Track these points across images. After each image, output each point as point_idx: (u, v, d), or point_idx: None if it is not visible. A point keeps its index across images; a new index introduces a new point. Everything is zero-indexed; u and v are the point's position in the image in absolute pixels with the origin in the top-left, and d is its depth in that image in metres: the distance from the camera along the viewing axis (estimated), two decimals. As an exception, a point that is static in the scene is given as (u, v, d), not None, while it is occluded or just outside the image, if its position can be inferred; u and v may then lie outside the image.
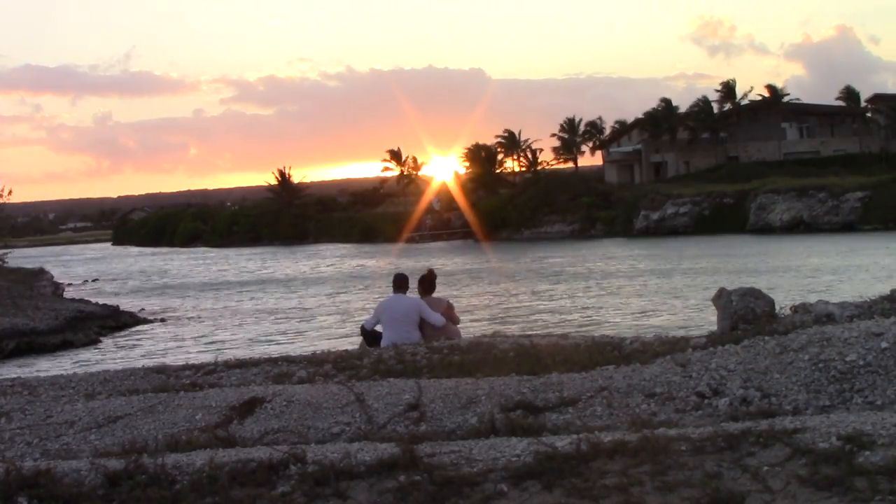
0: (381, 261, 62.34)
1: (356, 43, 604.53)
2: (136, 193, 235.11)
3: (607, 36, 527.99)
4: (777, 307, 9.09)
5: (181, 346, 29.49)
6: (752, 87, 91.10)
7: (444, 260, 61.00)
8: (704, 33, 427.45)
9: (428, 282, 11.90)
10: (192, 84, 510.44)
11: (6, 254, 54.35)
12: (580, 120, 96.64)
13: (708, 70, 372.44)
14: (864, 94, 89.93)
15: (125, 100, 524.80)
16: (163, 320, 36.66)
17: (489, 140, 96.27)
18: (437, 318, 11.47)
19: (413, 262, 53.56)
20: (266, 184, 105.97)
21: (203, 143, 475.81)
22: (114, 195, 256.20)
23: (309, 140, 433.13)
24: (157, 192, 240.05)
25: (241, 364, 9.98)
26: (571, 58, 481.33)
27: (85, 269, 74.94)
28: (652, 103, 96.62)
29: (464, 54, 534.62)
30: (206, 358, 13.01)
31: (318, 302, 40.60)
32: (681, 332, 11.76)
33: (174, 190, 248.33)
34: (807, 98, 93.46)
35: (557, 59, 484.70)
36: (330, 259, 69.89)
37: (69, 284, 54.86)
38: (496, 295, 38.43)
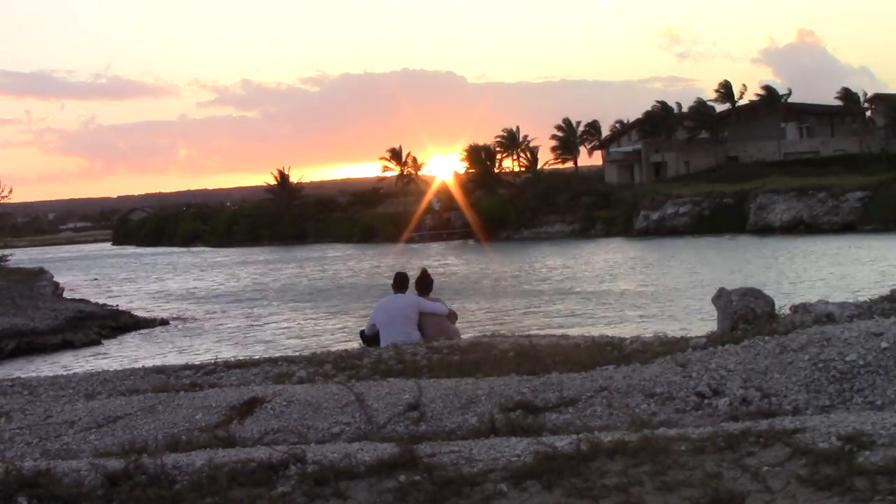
0: (381, 261, 62.35)
1: (326, 46, 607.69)
2: (136, 193, 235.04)
3: (576, 41, 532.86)
4: (777, 307, 9.10)
5: (181, 347, 29.50)
6: (745, 86, 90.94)
7: (443, 260, 61.01)
8: (671, 39, 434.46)
9: (423, 282, 11.89)
10: (168, 88, 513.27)
11: (7, 255, 54.27)
12: (578, 122, 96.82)
13: (681, 73, 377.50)
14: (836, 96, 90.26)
15: (105, 103, 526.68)
16: (163, 321, 36.66)
17: (480, 141, 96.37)
18: (437, 307, 11.51)
19: (413, 262, 53.56)
20: (265, 184, 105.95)
21: (193, 145, 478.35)
22: (113, 195, 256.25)
23: (299, 141, 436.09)
24: (157, 192, 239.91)
25: (241, 364, 9.98)
26: (543, 62, 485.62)
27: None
28: (633, 104, 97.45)
29: (436, 58, 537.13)
30: (206, 358, 13.02)
31: (318, 303, 40.61)
32: (681, 332, 11.75)
33: (173, 190, 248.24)
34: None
35: (530, 63, 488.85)
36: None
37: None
38: (495, 296, 38.44)
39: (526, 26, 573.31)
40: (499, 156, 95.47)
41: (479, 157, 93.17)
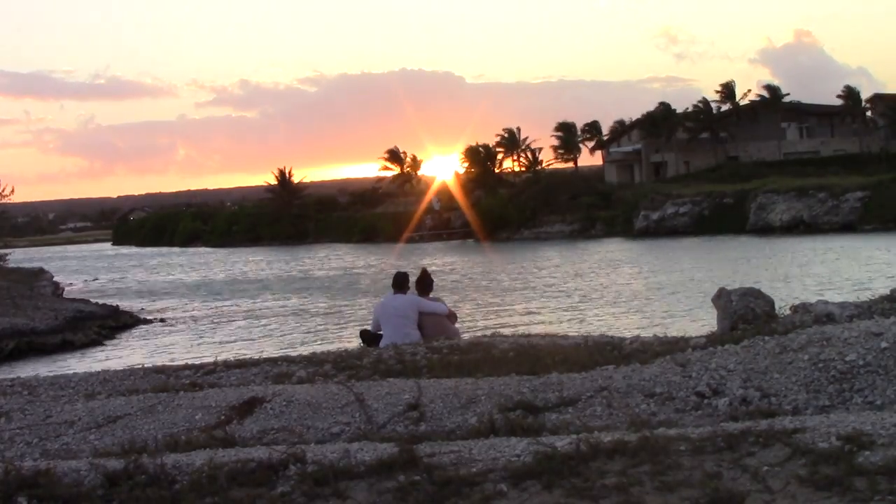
0: (382, 261, 62.33)
1: (323, 46, 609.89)
2: (136, 193, 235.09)
3: (573, 42, 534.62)
4: (777, 307, 9.10)
5: (181, 346, 29.50)
6: (750, 90, 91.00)
7: (443, 260, 61.00)
8: (668, 40, 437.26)
9: (423, 282, 11.87)
10: (167, 89, 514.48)
11: (7, 254, 54.27)
12: (578, 122, 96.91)
13: (678, 74, 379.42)
14: (834, 95, 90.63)
15: (103, 104, 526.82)
16: (163, 320, 36.67)
17: (479, 141, 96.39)
18: (437, 307, 11.50)
19: (414, 262, 53.56)
20: (265, 184, 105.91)
21: (192, 145, 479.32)
22: (113, 195, 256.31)
23: (298, 141, 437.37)
24: (157, 192, 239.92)
25: (241, 364, 9.99)
26: (541, 62, 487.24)
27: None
28: (632, 105, 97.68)
29: (434, 58, 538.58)
30: (206, 358, 13.02)
31: (318, 303, 40.61)
32: (681, 332, 11.75)
33: (173, 190, 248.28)
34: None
35: (528, 63, 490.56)
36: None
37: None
38: (495, 295, 38.43)
39: (523, 27, 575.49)
40: (499, 156, 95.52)
41: (479, 157, 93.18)
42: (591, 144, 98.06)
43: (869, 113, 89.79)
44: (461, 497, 5.01)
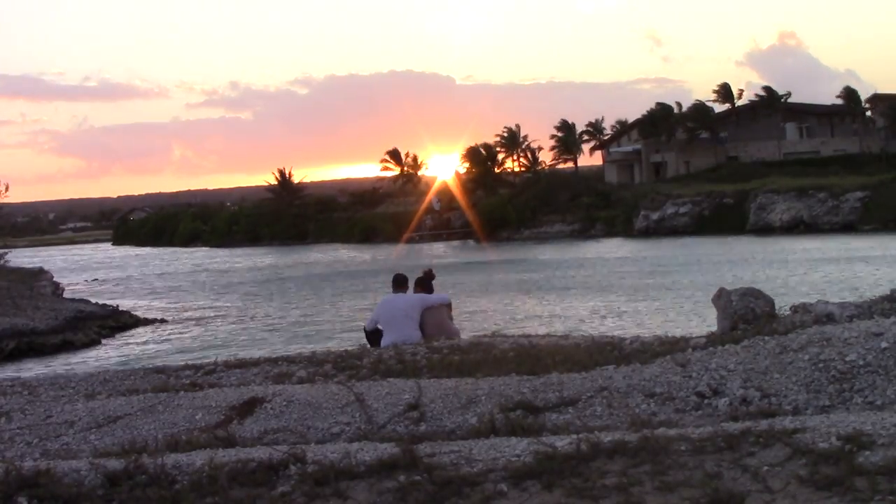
0: (381, 262, 62.35)
1: (311, 48, 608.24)
2: (136, 194, 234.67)
3: (559, 44, 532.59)
4: (777, 307, 9.09)
5: (181, 347, 29.51)
6: (742, 90, 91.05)
7: (443, 260, 61.00)
8: (654, 42, 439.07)
9: (426, 281, 11.92)
10: (158, 90, 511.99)
11: (5, 253, 54.26)
12: (574, 123, 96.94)
13: (668, 75, 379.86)
14: (825, 97, 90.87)
15: (96, 105, 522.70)
16: (163, 320, 36.68)
17: (474, 141, 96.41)
18: (441, 297, 11.63)
19: (413, 262, 53.57)
20: (266, 184, 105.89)
21: (188, 146, 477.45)
22: (112, 195, 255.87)
23: (293, 142, 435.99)
24: (157, 192, 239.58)
25: (241, 364, 9.99)
26: (530, 63, 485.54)
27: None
28: (625, 105, 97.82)
29: (421, 60, 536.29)
30: (206, 358, 13.03)
31: (317, 303, 40.61)
32: (681, 332, 11.75)
33: (172, 190, 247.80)
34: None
35: (517, 65, 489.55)
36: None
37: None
38: (495, 295, 38.44)
39: (508, 29, 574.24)
40: (499, 156, 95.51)
41: (480, 156, 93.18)
42: (590, 144, 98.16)
43: (869, 113, 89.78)
44: (461, 497, 5.01)
